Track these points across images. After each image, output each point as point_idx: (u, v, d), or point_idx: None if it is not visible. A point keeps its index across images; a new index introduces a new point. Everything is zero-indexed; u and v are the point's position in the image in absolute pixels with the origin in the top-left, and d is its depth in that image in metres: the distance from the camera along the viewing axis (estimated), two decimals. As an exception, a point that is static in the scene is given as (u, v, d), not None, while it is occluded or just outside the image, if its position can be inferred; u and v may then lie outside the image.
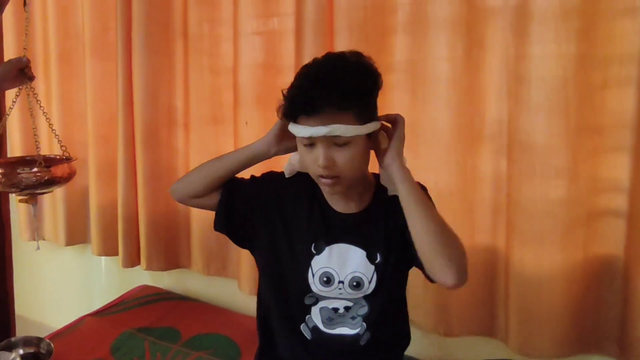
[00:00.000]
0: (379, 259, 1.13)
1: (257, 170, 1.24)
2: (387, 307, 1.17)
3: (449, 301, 1.55)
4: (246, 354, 1.64)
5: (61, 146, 1.66)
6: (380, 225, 1.14)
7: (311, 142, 1.02)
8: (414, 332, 1.29)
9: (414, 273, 1.41)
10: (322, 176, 1.03)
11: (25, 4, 1.54)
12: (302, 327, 1.15)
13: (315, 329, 1.15)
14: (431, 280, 1.06)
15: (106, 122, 2.12)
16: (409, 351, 1.28)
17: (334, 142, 1.00)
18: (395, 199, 1.06)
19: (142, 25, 1.92)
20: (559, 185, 1.36)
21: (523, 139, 1.39)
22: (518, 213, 1.42)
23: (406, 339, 1.26)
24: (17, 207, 2.36)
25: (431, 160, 1.51)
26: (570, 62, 1.32)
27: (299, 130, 1.01)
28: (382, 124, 1.08)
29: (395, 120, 1.09)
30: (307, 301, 1.14)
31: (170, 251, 2.06)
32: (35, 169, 1.49)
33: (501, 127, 1.46)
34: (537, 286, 1.40)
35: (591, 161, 1.36)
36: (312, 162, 1.03)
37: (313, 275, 1.12)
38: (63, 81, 2.22)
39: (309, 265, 1.12)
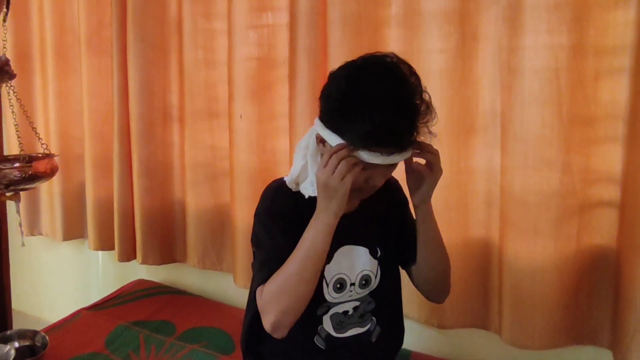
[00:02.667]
0: (379, 252, 1.15)
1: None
2: (391, 299, 1.20)
3: (443, 293, 1.55)
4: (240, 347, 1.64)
5: (42, 144, 1.66)
6: (375, 219, 1.16)
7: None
8: (408, 325, 1.29)
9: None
10: (365, 190, 1.03)
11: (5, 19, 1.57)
12: (316, 339, 1.14)
13: (328, 337, 1.14)
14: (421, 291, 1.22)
15: (102, 118, 2.12)
16: (403, 344, 1.28)
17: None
18: (381, 193, 1.07)
19: (137, 20, 1.93)
20: (551, 177, 1.36)
21: (516, 131, 1.39)
22: (511, 205, 1.42)
23: (403, 329, 1.27)
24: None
25: (424, 153, 1.51)
26: (562, 53, 1.32)
27: (370, 157, 0.95)
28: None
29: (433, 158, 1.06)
30: (319, 312, 1.12)
31: (166, 245, 2.06)
32: (17, 164, 1.49)
33: (494, 119, 1.46)
34: (531, 277, 1.40)
35: (584, 152, 1.36)
36: (362, 179, 1.00)
37: (327, 285, 1.11)
38: (59, 77, 2.23)
39: (322, 276, 1.09)
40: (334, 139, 0.98)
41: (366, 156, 0.95)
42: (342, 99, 0.97)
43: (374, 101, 0.93)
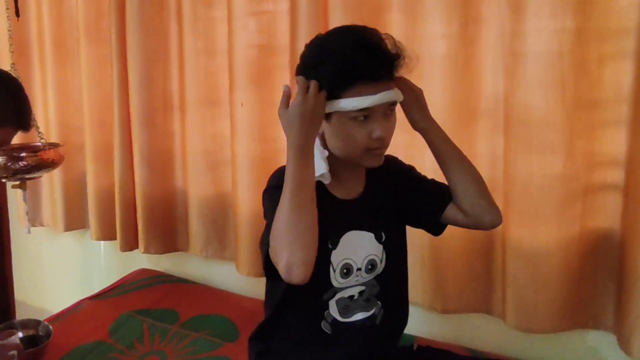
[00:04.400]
0: (384, 237, 1.16)
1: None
2: (396, 282, 1.21)
3: (446, 278, 1.56)
4: (244, 334, 1.64)
5: (39, 133, 1.67)
6: (379, 204, 1.17)
7: (365, 115, 1.00)
8: (411, 310, 1.29)
9: (411, 253, 1.41)
10: (374, 148, 1.03)
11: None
12: (323, 324, 1.14)
13: (334, 322, 1.15)
14: (469, 226, 1.17)
15: (102, 107, 2.11)
16: (406, 329, 1.28)
17: (386, 112, 1.02)
18: (383, 178, 1.08)
19: (135, 7, 1.91)
20: (555, 161, 1.36)
21: (519, 115, 1.38)
22: (515, 189, 1.42)
23: (407, 313, 1.27)
24: (15, 193, 2.36)
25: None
26: (566, 37, 1.31)
27: (358, 102, 0.98)
28: None
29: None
30: (326, 297, 1.13)
31: (168, 234, 2.06)
32: (23, 154, 1.50)
33: (497, 104, 1.46)
34: (534, 262, 1.41)
35: (587, 136, 1.36)
36: (366, 135, 1.01)
37: (334, 271, 1.11)
38: (58, 67, 2.21)
39: (329, 262, 1.10)
40: None
41: (351, 103, 0.98)
42: (311, 54, 1.04)
43: (340, 44, 1.00)
